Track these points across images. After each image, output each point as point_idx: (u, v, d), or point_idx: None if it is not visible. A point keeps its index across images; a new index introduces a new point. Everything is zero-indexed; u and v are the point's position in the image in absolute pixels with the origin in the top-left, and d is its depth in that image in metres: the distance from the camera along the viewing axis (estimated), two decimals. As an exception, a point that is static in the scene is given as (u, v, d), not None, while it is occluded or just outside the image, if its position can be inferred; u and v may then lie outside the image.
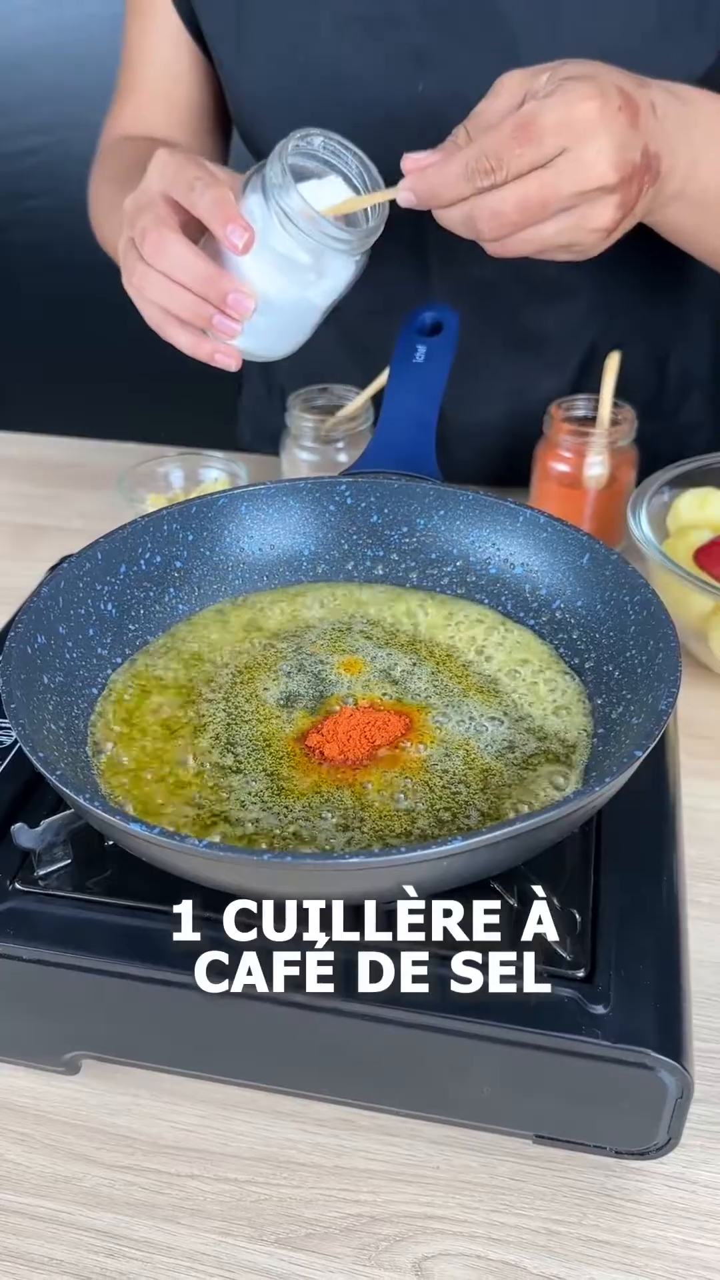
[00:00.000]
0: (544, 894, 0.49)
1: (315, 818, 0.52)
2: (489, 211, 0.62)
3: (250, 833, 0.51)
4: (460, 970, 0.48)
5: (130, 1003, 0.52)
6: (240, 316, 0.66)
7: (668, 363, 1.05)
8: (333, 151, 0.67)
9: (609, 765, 0.52)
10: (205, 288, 0.66)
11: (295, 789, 0.53)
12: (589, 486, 0.90)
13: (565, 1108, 0.49)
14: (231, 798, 0.53)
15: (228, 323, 0.67)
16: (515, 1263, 0.49)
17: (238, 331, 0.67)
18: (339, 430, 0.92)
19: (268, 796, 0.53)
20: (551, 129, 0.60)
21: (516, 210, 0.62)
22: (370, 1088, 0.52)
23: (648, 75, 0.68)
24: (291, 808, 0.52)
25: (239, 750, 0.55)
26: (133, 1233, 0.50)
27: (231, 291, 0.66)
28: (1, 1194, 0.52)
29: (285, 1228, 0.50)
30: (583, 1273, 0.48)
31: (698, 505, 0.82)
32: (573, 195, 0.62)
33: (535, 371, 1.01)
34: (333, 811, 0.52)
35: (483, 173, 0.61)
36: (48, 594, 0.57)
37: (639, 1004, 0.48)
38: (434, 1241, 0.50)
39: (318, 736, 0.55)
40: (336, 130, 0.68)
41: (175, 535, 0.64)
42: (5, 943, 0.51)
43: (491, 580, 0.65)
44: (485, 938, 0.49)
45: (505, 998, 0.47)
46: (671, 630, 0.53)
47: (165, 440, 1.05)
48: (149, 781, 0.54)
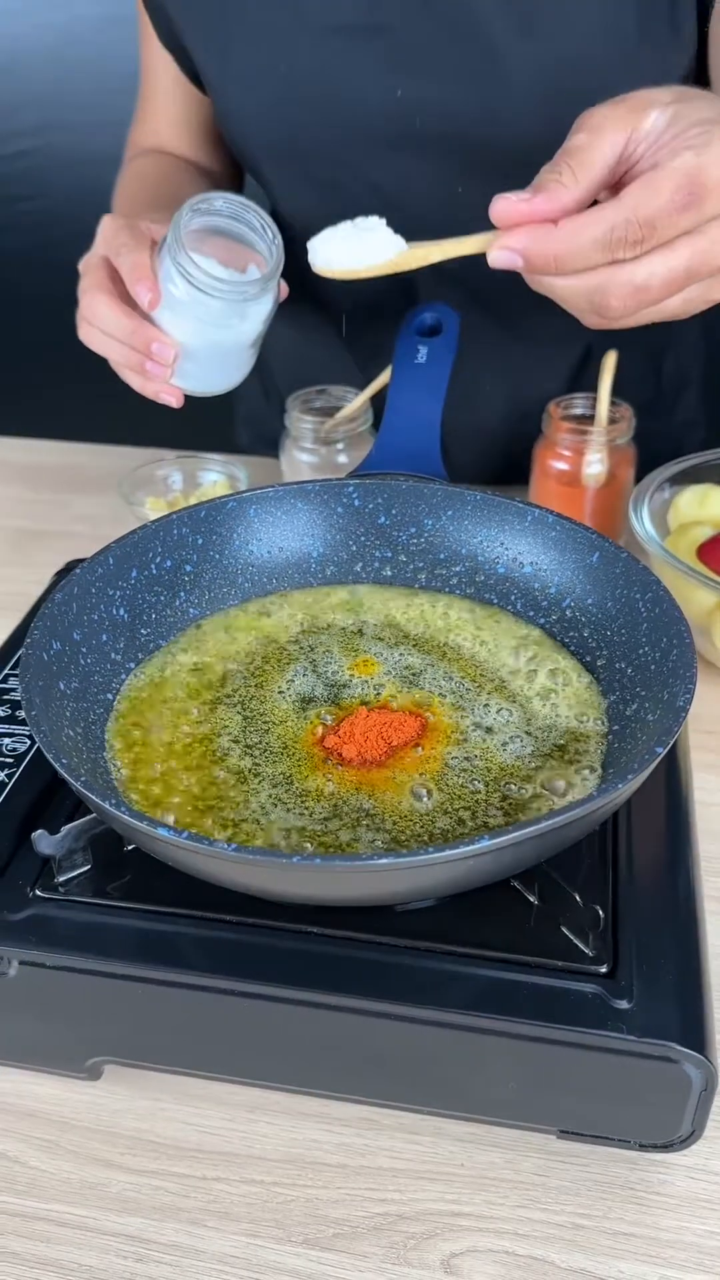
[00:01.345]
0: (568, 890, 0.49)
1: (336, 819, 0.52)
2: (630, 288, 0.52)
3: (271, 835, 0.51)
4: (484, 969, 0.49)
5: (153, 1007, 0.52)
6: (164, 363, 0.73)
7: (662, 362, 1.05)
8: (232, 213, 0.72)
9: (627, 762, 0.52)
10: (131, 340, 0.73)
11: (314, 791, 0.53)
12: (588, 484, 0.90)
13: (589, 1102, 0.49)
14: (252, 801, 0.53)
15: (157, 368, 0.73)
16: (543, 1257, 0.49)
17: (166, 376, 0.74)
18: (339, 431, 0.92)
19: (287, 799, 0.53)
20: (716, 189, 0.50)
21: (664, 284, 0.52)
22: (395, 1087, 0.52)
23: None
24: (312, 809, 0.52)
25: (257, 754, 0.56)
26: (161, 1237, 0.50)
27: (153, 342, 0.72)
28: (28, 1201, 0.52)
29: (313, 1228, 0.50)
30: (610, 1265, 0.49)
31: (698, 502, 0.82)
32: (717, 267, 0.52)
33: (531, 371, 1.01)
34: (353, 812, 0.52)
35: (631, 244, 0.51)
36: (61, 599, 0.57)
37: (662, 998, 0.48)
38: (461, 1238, 0.50)
39: (335, 738, 0.55)
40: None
41: (185, 539, 0.64)
42: (28, 949, 0.51)
43: (500, 579, 0.65)
44: (508, 935, 0.50)
45: (530, 994, 0.48)
46: (685, 627, 0.54)
47: (163, 443, 1.04)
48: (168, 786, 0.54)
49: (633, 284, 0.52)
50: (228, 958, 0.50)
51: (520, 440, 0.97)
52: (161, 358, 0.73)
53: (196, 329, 0.73)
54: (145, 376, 0.75)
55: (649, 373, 1.05)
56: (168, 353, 0.72)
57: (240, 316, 0.73)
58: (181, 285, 0.70)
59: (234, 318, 0.72)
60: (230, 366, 0.78)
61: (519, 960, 0.49)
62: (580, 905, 0.49)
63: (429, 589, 0.67)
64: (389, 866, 0.42)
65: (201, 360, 0.75)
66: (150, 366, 0.74)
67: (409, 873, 0.43)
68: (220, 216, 0.72)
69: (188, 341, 0.73)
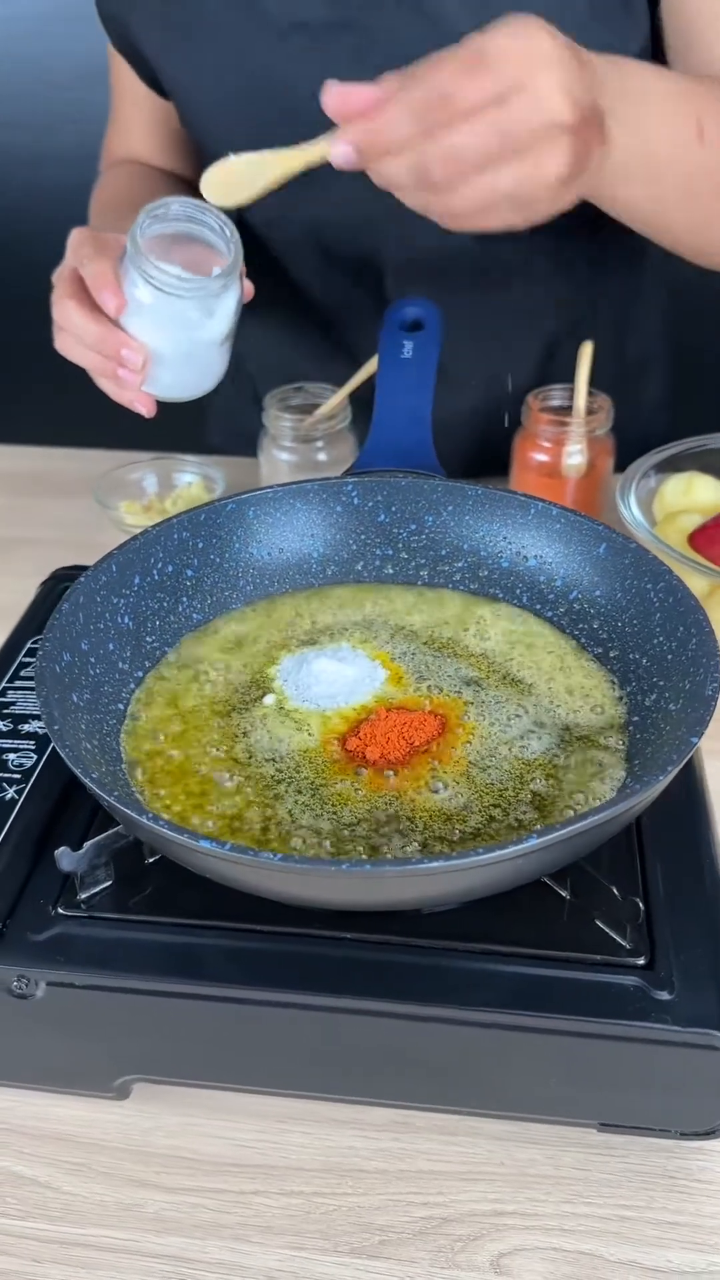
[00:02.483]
0: (604, 884, 0.49)
1: (365, 823, 0.51)
2: (443, 153, 0.56)
3: (303, 842, 0.50)
4: (520, 966, 0.48)
5: (184, 1021, 0.51)
6: (134, 368, 0.73)
7: (625, 345, 1.06)
8: (188, 215, 0.72)
9: (653, 752, 0.52)
10: (101, 346, 0.73)
11: (341, 795, 0.53)
12: (568, 475, 0.90)
13: (631, 1094, 0.50)
14: (279, 808, 0.52)
15: (129, 374, 0.73)
16: (591, 1251, 0.49)
17: (137, 383, 0.74)
18: (318, 429, 0.91)
19: (314, 805, 0.52)
20: (505, 59, 0.55)
21: (478, 146, 0.56)
22: (432, 1089, 0.52)
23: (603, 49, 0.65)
24: (339, 814, 0.52)
25: (279, 761, 0.55)
26: (204, 1255, 0.49)
27: (121, 347, 0.72)
28: (64, 1227, 0.50)
29: (358, 1237, 0.50)
30: (658, 1255, 0.49)
31: (683, 490, 0.83)
32: (530, 132, 0.56)
33: (499, 362, 1.01)
34: (382, 815, 0.52)
35: (433, 108, 0.55)
36: (69, 610, 0.56)
37: (701, 987, 0.48)
38: (508, 1237, 0.50)
39: (357, 740, 0.55)
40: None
41: (186, 543, 0.63)
42: (56, 970, 0.50)
43: (505, 574, 0.65)
44: (542, 932, 0.50)
45: (569, 990, 0.48)
46: (703, 615, 0.54)
47: (136, 446, 1.03)
48: (190, 796, 0.53)
49: (446, 149, 0.56)
50: (259, 967, 0.50)
51: (492, 432, 0.98)
52: (130, 364, 0.73)
53: (164, 333, 0.73)
54: (118, 383, 0.75)
55: (612, 358, 1.05)
56: (136, 358, 0.72)
57: (206, 313, 0.73)
58: (145, 289, 0.70)
59: (200, 315, 0.73)
60: (202, 368, 0.78)
61: (555, 956, 0.49)
62: (618, 898, 0.49)
63: (432, 585, 0.66)
64: (441, 869, 0.42)
65: (172, 365, 0.75)
66: (122, 373, 0.73)
67: (460, 874, 0.43)
68: (178, 221, 0.72)
69: (157, 346, 0.73)
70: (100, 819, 0.56)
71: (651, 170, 0.69)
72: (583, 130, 0.59)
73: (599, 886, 0.50)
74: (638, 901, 0.48)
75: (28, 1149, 0.53)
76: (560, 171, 0.58)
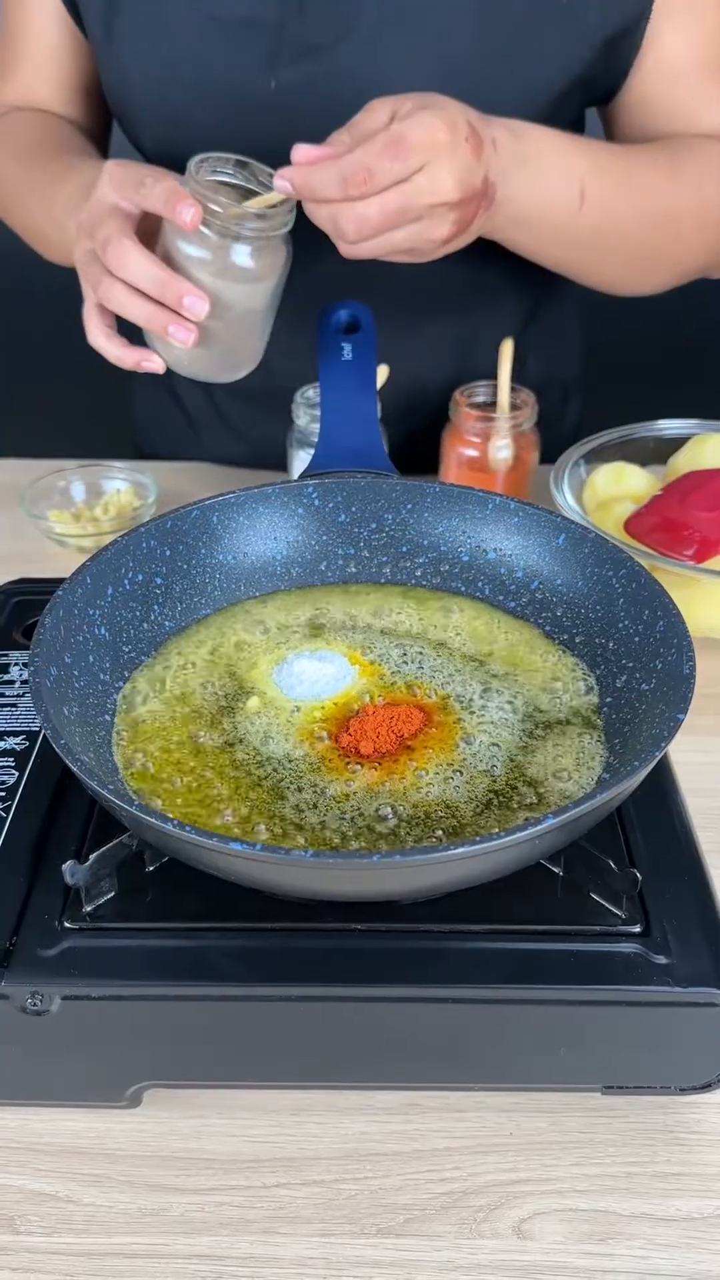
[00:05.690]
0: (601, 858, 0.52)
1: (364, 816, 0.53)
2: (356, 216, 0.70)
3: (310, 839, 0.52)
4: (525, 942, 0.51)
5: (197, 1023, 0.51)
6: (196, 317, 0.71)
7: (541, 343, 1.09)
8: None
9: (631, 731, 0.55)
10: (162, 291, 0.71)
11: (339, 791, 0.54)
12: (496, 469, 0.93)
13: (634, 1055, 0.52)
14: (283, 805, 0.53)
15: (180, 330, 0.72)
16: (606, 1209, 0.51)
17: (191, 342, 0.72)
18: (247, 223, 0.72)
19: (316, 801, 0.53)
20: (416, 148, 0.69)
21: (379, 216, 0.70)
22: (442, 1068, 0.54)
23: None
24: (341, 809, 0.53)
25: (273, 761, 0.56)
26: (235, 1251, 0.50)
27: (186, 294, 0.71)
28: (90, 1239, 0.50)
29: (383, 1218, 0.51)
30: (668, 1205, 0.52)
31: (614, 479, 0.86)
32: (425, 207, 0.71)
33: (421, 360, 1.03)
34: (383, 807, 0.53)
35: (356, 183, 0.69)
36: (51, 624, 0.56)
37: (695, 949, 0.51)
38: (526, 1203, 0.52)
39: (348, 736, 0.56)
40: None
41: (154, 552, 0.63)
42: (69, 984, 0.50)
43: (465, 568, 0.67)
44: (540, 908, 0.52)
45: (573, 961, 0.50)
46: (669, 598, 0.57)
47: (59, 454, 1.01)
48: (189, 802, 0.54)
49: (358, 214, 0.70)
50: (267, 963, 0.51)
51: (417, 429, 1.00)
52: (194, 311, 0.71)
53: (218, 287, 0.72)
54: (167, 340, 0.73)
55: (516, 352, 1.08)
56: (202, 306, 0.71)
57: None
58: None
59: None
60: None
61: (556, 930, 0.51)
62: (616, 871, 0.51)
63: (395, 583, 0.68)
64: (464, 855, 0.43)
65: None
66: (174, 329, 0.72)
67: (481, 859, 0.44)
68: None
69: (219, 295, 0.72)
70: (94, 831, 0.56)
71: (539, 222, 0.82)
72: (468, 204, 0.73)
73: (592, 860, 0.52)
74: (635, 873, 0.51)
75: (44, 1165, 0.53)
76: (444, 235, 0.74)
